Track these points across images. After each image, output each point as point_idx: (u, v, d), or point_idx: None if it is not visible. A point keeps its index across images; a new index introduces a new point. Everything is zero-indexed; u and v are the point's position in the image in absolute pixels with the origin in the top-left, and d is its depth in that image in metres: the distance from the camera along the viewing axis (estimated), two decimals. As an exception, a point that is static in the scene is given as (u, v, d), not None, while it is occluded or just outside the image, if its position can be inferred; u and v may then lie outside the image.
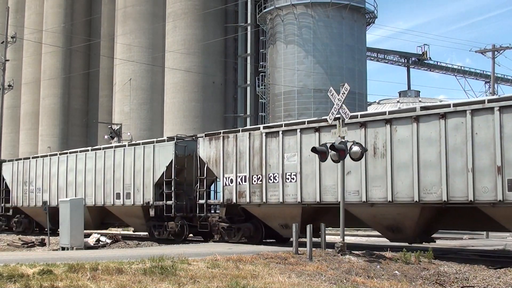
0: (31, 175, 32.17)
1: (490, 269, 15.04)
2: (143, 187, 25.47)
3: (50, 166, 30.78)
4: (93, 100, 56.58)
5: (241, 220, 22.18)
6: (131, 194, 26.05)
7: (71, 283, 10.57)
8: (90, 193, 28.03)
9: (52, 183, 30.49)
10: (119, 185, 26.62)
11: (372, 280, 13.05)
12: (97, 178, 27.82)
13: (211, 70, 46.48)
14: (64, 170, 29.76)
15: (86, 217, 27.07)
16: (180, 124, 45.27)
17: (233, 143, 21.88)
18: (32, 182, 32.05)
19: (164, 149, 24.91)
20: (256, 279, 11.85)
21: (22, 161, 33.55)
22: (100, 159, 27.79)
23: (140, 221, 26.45)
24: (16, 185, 33.47)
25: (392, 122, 17.55)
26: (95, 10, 57.08)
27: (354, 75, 41.97)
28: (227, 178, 22.07)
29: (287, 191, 20.01)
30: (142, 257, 13.58)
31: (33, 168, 32.16)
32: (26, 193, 32.42)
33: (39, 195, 31.16)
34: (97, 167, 27.88)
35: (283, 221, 20.69)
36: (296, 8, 42.10)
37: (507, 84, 71.89)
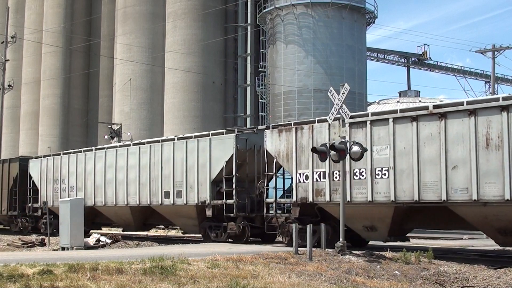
0: (63, 172, 29.92)
1: (490, 269, 15.04)
2: (198, 184, 23.16)
3: (86, 162, 28.55)
4: (93, 100, 56.55)
5: (315, 221, 19.57)
6: (182, 192, 23.77)
7: (71, 283, 10.57)
8: (133, 191, 25.92)
9: (88, 181, 28.32)
10: (168, 183, 24.41)
11: (372, 280, 13.06)
12: (141, 175, 25.58)
13: (211, 70, 46.47)
14: (102, 166, 27.54)
15: (127, 217, 26.90)
16: (180, 124, 45.27)
17: (309, 135, 19.62)
18: (64, 180, 29.82)
19: (222, 143, 22.59)
20: (256, 279, 11.85)
21: (52, 157, 31.16)
22: (145, 155, 25.51)
23: (192, 222, 24.27)
24: (45, 184, 31.17)
25: (510, 109, 15.57)
26: (95, 10, 57.06)
27: (354, 75, 41.95)
28: (301, 174, 19.76)
29: (377, 189, 17.82)
30: (142, 257, 13.58)
31: (65, 165, 29.88)
32: (57, 192, 30.22)
33: (73, 194, 29.02)
34: (141, 163, 25.61)
35: (369, 222, 18.66)
36: (296, 8, 42.09)
37: (507, 84, 71.88)
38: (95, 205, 27.86)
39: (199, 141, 23.39)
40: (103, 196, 27.11)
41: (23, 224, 32.63)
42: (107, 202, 27.09)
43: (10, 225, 34.12)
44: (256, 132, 22.43)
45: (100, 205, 27.78)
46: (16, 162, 33.77)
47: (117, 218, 28.23)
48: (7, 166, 34.10)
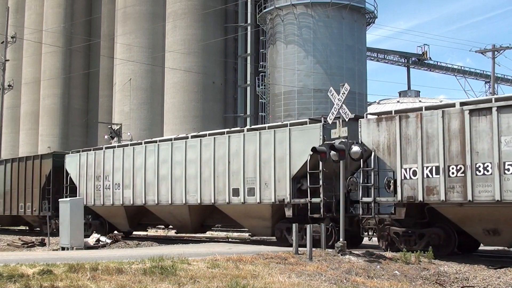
0: (107, 168, 26.96)
1: (490, 269, 15.03)
2: (275, 181, 20.44)
3: (134, 157, 25.70)
4: (93, 100, 56.58)
5: (422, 224, 17.44)
6: (255, 190, 20.97)
7: (71, 283, 10.57)
8: (193, 189, 23.14)
9: (137, 177, 25.40)
10: (237, 179, 21.50)
11: (372, 280, 13.06)
12: (203, 171, 22.71)
13: (211, 70, 46.50)
14: (154, 161, 24.68)
15: (184, 218, 24.39)
16: (180, 124, 45.30)
17: (416, 124, 17.34)
18: (108, 176, 26.91)
19: (306, 133, 19.87)
20: (256, 279, 11.85)
21: (93, 152, 28.16)
22: (208, 148, 22.68)
23: (263, 223, 21.50)
24: (84, 181, 28.19)
25: None
26: (95, 10, 57.08)
27: (354, 75, 41.98)
28: (408, 169, 17.47)
29: (507, 186, 15.54)
30: (142, 257, 13.58)
31: (109, 160, 26.90)
32: (99, 190, 27.29)
33: (118, 192, 26.26)
34: (203, 158, 22.75)
35: (492, 225, 16.40)
36: (296, 8, 42.11)
37: (507, 84, 71.93)
38: (146, 204, 24.97)
39: (275, 132, 20.65)
40: (155, 194, 24.44)
41: (57, 225, 29.75)
42: (161, 200, 24.30)
43: (41, 226, 31.56)
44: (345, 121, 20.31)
45: (151, 204, 24.83)
46: (49, 158, 31.08)
47: (172, 219, 25.53)
48: (38, 163, 31.52)
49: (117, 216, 27.11)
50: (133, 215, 25.31)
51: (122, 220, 26.84)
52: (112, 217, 27.67)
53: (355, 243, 19.56)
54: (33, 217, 32.20)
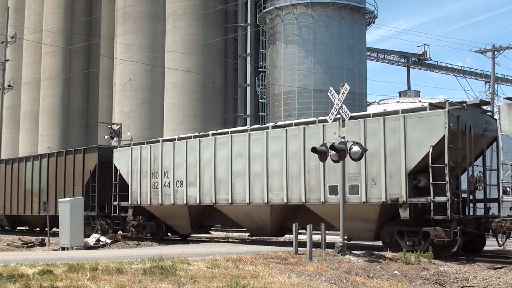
0: (166, 163, 24.11)
1: (490, 269, 15.04)
2: (385, 177, 17.60)
3: (201, 151, 22.81)
4: (93, 100, 56.58)
5: None
6: (359, 187, 18.14)
7: (71, 283, 10.57)
8: (278, 186, 20.29)
9: (205, 174, 22.58)
10: (335, 175, 18.48)
11: (372, 280, 13.05)
12: (290, 165, 19.92)
13: (211, 70, 46.49)
14: (226, 155, 21.85)
15: (263, 219, 21.51)
16: (179, 124, 45.29)
17: None
18: (167, 173, 24.09)
19: (426, 121, 17.18)
20: (256, 279, 11.85)
21: (148, 146, 25.21)
22: (295, 139, 19.89)
23: (366, 225, 18.69)
24: (137, 178, 25.29)
25: None
26: (95, 10, 57.08)
27: (354, 75, 41.98)
28: None
29: None
30: (142, 257, 13.58)
31: (169, 154, 24.03)
32: (156, 188, 24.46)
33: (181, 190, 23.42)
34: (289, 151, 19.95)
35: None
36: (296, 8, 42.11)
37: (507, 84, 71.90)
38: (216, 204, 22.23)
39: (385, 120, 17.86)
40: (228, 193, 21.62)
41: (102, 226, 27.46)
42: (235, 199, 21.53)
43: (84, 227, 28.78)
44: (464, 108, 17.26)
45: (223, 204, 22.08)
46: (94, 152, 28.05)
47: (247, 220, 22.54)
48: (80, 158, 28.63)
49: (177, 217, 24.27)
50: (196, 215, 23.17)
51: (184, 222, 24.16)
52: (171, 218, 24.79)
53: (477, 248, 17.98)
54: None
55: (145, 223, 25.70)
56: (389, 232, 18.04)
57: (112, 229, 27.24)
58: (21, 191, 32.50)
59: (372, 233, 18.64)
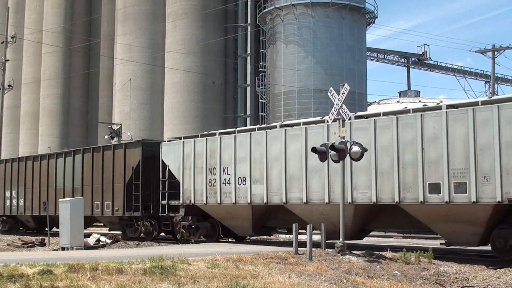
0: (225, 158, 21.90)
1: (490, 269, 15.04)
2: (501, 173, 15.62)
3: (268, 144, 20.56)
4: (93, 100, 56.59)
5: None
6: (467, 185, 16.17)
7: (71, 283, 10.56)
8: (364, 184, 18.17)
9: (273, 170, 20.34)
10: (437, 171, 16.62)
11: (372, 280, 13.05)
12: (380, 160, 17.79)
13: (211, 70, 46.50)
14: (299, 149, 19.62)
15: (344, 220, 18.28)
16: (180, 124, 45.30)
17: None
18: (227, 169, 21.85)
19: None
20: (256, 279, 11.85)
21: (203, 139, 22.89)
22: (386, 130, 17.67)
23: (472, 228, 16.76)
24: (191, 174, 23.07)
25: None
26: (95, 10, 57.10)
27: (354, 75, 42.00)
28: None
29: None
30: (142, 257, 13.58)
31: (229, 149, 21.77)
32: (213, 185, 22.25)
33: (244, 188, 21.22)
34: (379, 144, 17.88)
35: None
36: (296, 8, 42.12)
37: (507, 84, 71.96)
38: (287, 203, 19.95)
39: (499, 108, 15.69)
40: (302, 191, 19.47)
41: (147, 228, 25.26)
42: (311, 199, 19.39)
43: (124, 229, 26.43)
44: None
45: (296, 203, 19.80)
46: (137, 147, 25.68)
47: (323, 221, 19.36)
48: (121, 153, 26.21)
49: (238, 217, 22.06)
50: (260, 216, 20.97)
51: (244, 222, 21.94)
52: (230, 219, 22.55)
53: None
54: (112, 218, 27.18)
55: (198, 224, 23.21)
56: (503, 237, 16.10)
57: (157, 231, 25.13)
58: (51, 190, 30.23)
59: (478, 237, 16.75)
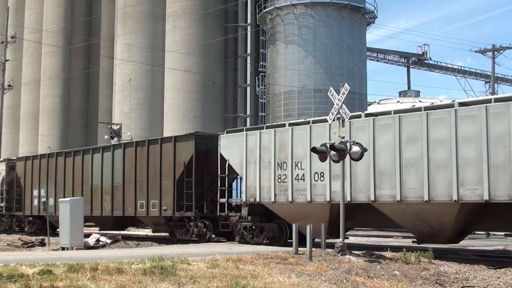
0: (298, 152, 19.61)
1: (490, 269, 15.04)
2: None
3: (351, 135, 18.14)
4: (93, 100, 56.61)
5: None
6: None
7: (71, 283, 10.56)
8: (473, 179, 15.98)
9: (358, 164, 17.74)
10: None
11: (372, 280, 13.05)
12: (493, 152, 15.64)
13: (211, 70, 46.51)
14: (391, 141, 17.56)
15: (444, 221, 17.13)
16: (179, 124, 45.29)
17: None
18: (299, 163, 19.57)
19: None
20: (256, 279, 11.84)
21: (271, 131, 20.43)
22: (500, 118, 15.62)
23: None
24: (256, 169, 20.74)
25: None
26: (95, 10, 57.11)
27: (354, 75, 41.99)
28: None
29: None
30: (142, 257, 13.58)
31: (302, 141, 19.50)
32: (283, 182, 19.95)
33: (322, 185, 18.90)
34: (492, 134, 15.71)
35: None
36: (296, 8, 42.11)
37: (507, 84, 71.93)
38: (376, 201, 17.85)
39: None
40: (395, 188, 17.28)
41: (199, 229, 23.02)
42: (406, 196, 17.13)
43: (173, 230, 24.30)
44: None
45: (387, 201, 17.62)
46: (190, 140, 23.41)
47: (417, 223, 17.76)
48: (170, 148, 24.00)
49: (312, 217, 19.41)
50: (338, 216, 18.01)
51: (318, 223, 18.66)
52: (302, 219, 19.46)
53: None
54: (158, 218, 24.90)
55: (263, 225, 20.75)
56: None
57: (211, 232, 22.89)
58: (87, 188, 28.09)
59: None
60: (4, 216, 34.37)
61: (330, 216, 18.87)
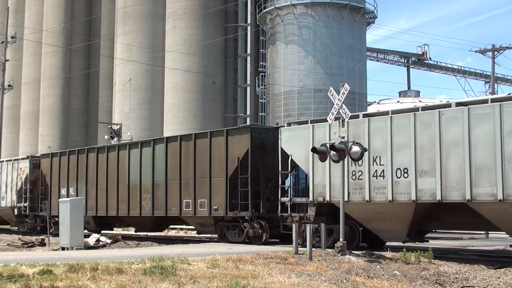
0: (376, 145, 17.90)
1: (490, 269, 15.05)
2: None
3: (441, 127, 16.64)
4: (93, 100, 56.61)
5: None
6: None
7: (71, 283, 10.56)
8: None
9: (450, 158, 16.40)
10: None
11: (372, 280, 13.06)
12: None
13: (211, 70, 46.50)
14: (489, 133, 15.88)
15: None
16: (180, 124, 45.29)
17: None
18: (378, 158, 17.83)
19: None
20: (256, 279, 11.84)
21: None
22: None
23: None
24: (324, 165, 18.75)
25: None
26: (95, 10, 57.10)
27: (354, 75, 41.98)
28: None
29: None
30: (142, 257, 13.58)
31: (381, 133, 17.82)
32: (358, 179, 18.27)
33: (405, 182, 17.18)
34: None
35: None
36: (296, 8, 42.10)
37: (507, 84, 71.93)
38: (471, 200, 16.05)
39: None
40: (496, 185, 15.50)
41: (255, 230, 21.19)
42: (509, 195, 15.42)
43: (224, 231, 22.47)
44: None
45: (486, 200, 15.85)
46: (245, 133, 21.56)
47: None
48: (221, 142, 22.24)
49: (392, 218, 17.82)
50: (421, 216, 17.17)
51: (399, 225, 17.75)
52: (378, 220, 18.23)
53: None
54: (207, 219, 22.96)
55: (332, 227, 18.78)
56: None
57: (267, 233, 20.93)
58: (123, 186, 26.29)
59: None
60: (28, 217, 32.18)
61: (413, 217, 17.31)
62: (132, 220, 27.84)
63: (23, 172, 32.56)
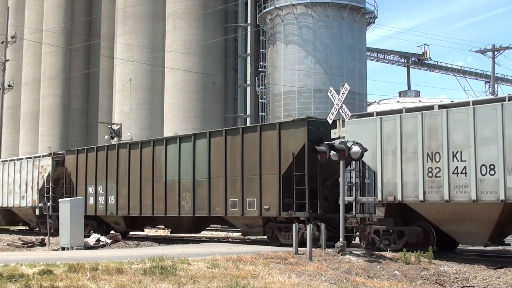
0: (455, 139, 16.25)
1: (490, 269, 15.05)
2: None
3: None
4: (93, 100, 56.62)
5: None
6: None
7: (71, 283, 10.57)
8: None
9: None
10: None
11: (372, 280, 13.06)
12: None
13: (211, 70, 46.50)
14: None
15: None
16: (180, 124, 45.30)
17: None
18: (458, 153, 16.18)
19: None
20: (256, 279, 11.84)
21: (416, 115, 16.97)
22: None
23: None
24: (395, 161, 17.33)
25: None
26: (95, 10, 57.11)
27: (354, 75, 41.97)
28: None
29: None
30: (142, 257, 13.58)
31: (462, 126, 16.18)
32: (435, 176, 16.56)
33: (491, 180, 15.56)
34: None
35: None
36: (296, 8, 42.10)
37: (507, 84, 71.94)
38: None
39: None
40: None
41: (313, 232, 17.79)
42: None
43: (275, 233, 20.70)
44: None
45: None
46: (301, 127, 19.84)
47: None
48: (273, 136, 20.49)
49: (474, 219, 16.33)
50: (506, 218, 15.78)
51: (480, 227, 16.37)
52: (458, 222, 16.67)
53: None
54: (255, 219, 21.20)
55: (403, 229, 17.45)
56: None
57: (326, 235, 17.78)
58: (159, 184, 24.56)
59: None
60: (51, 217, 29.39)
61: (498, 219, 15.82)
62: (169, 221, 25.99)
63: (45, 170, 31.00)
